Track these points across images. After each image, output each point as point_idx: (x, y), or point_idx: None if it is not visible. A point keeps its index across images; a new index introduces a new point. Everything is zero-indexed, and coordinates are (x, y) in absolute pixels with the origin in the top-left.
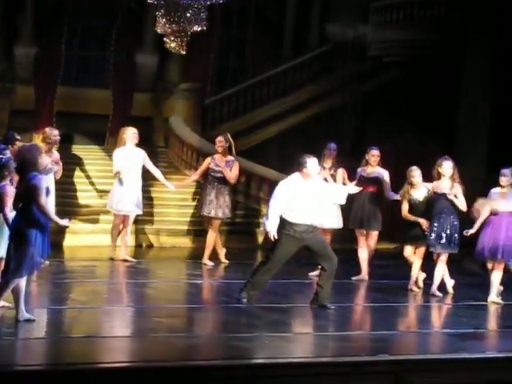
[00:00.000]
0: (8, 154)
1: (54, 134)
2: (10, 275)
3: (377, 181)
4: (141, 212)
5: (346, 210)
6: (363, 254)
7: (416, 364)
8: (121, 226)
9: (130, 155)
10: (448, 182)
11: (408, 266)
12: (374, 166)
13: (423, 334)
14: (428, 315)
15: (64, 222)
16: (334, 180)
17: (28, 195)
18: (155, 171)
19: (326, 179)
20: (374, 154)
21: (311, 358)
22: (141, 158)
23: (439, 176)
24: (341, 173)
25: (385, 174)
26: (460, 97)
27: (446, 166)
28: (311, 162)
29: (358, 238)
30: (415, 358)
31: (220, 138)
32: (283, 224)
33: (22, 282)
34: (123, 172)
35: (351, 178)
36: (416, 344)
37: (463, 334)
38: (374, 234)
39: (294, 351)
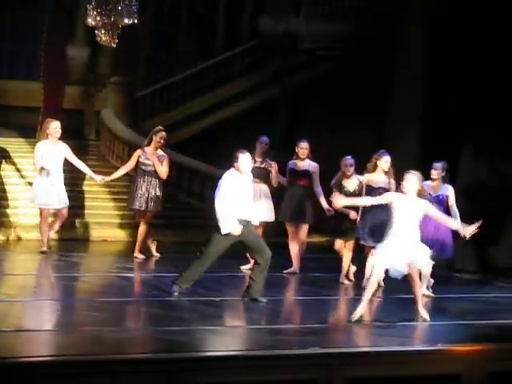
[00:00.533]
0: None
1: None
2: None
3: (307, 174)
4: (65, 206)
5: (278, 203)
6: (294, 248)
7: (347, 357)
8: (50, 219)
9: (51, 149)
10: (383, 176)
11: (339, 259)
12: (303, 159)
13: (355, 327)
14: None
15: None
16: (267, 174)
17: None
18: (79, 164)
19: (266, 168)
20: (302, 147)
21: (242, 352)
22: (63, 151)
23: (374, 169)
24: (273, 166)
25: (315, 168)
26: (392, 90)
27: (385, 160)
28: (243, 157)
29: (289, 231)
30: (347, 351)
31: (164, 134)
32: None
33: None
34: (45, 166)
35: (282, 172)
36: (347, 337)
37: (393, 326)
38: (305, 227)
39: (225, 344)
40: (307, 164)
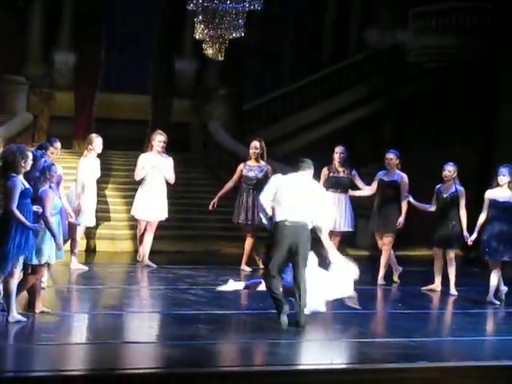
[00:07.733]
0: (47, 159)
1: (98, 141)
2: None
3: (394, 185)
4: (162, 219)
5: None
6: (382, 258)
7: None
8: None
9: (154, 162)
10: (507, 190)
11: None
12: (391, 170)
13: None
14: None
15: (35, 226)
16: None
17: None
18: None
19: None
20: (387, 158)
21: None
22: (165, 165)
23: (497, 184)
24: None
25: (402, 178)
26: (499, 103)
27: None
28: None
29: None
30: (454, 365)
31: (254, 144)
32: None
33: (12, 283)
34: (145, 178)
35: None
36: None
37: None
38: (388, 238)
39: (333, 358)
40: (395, 175)
